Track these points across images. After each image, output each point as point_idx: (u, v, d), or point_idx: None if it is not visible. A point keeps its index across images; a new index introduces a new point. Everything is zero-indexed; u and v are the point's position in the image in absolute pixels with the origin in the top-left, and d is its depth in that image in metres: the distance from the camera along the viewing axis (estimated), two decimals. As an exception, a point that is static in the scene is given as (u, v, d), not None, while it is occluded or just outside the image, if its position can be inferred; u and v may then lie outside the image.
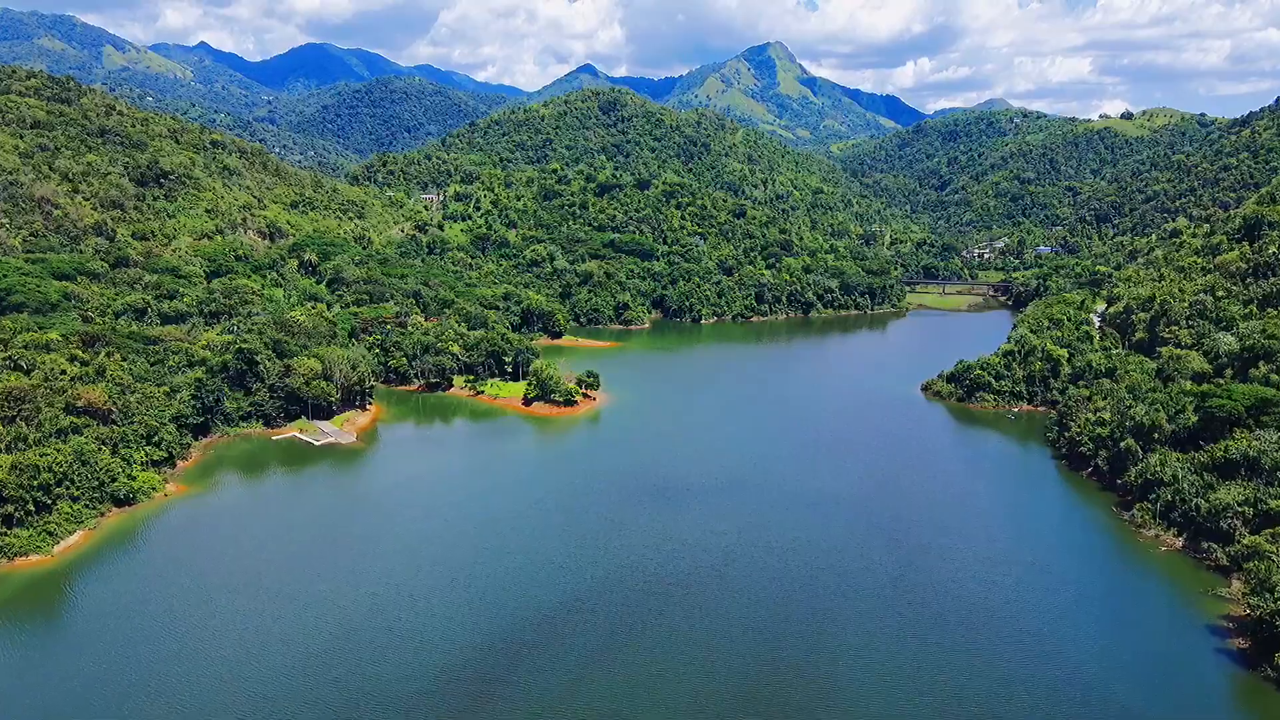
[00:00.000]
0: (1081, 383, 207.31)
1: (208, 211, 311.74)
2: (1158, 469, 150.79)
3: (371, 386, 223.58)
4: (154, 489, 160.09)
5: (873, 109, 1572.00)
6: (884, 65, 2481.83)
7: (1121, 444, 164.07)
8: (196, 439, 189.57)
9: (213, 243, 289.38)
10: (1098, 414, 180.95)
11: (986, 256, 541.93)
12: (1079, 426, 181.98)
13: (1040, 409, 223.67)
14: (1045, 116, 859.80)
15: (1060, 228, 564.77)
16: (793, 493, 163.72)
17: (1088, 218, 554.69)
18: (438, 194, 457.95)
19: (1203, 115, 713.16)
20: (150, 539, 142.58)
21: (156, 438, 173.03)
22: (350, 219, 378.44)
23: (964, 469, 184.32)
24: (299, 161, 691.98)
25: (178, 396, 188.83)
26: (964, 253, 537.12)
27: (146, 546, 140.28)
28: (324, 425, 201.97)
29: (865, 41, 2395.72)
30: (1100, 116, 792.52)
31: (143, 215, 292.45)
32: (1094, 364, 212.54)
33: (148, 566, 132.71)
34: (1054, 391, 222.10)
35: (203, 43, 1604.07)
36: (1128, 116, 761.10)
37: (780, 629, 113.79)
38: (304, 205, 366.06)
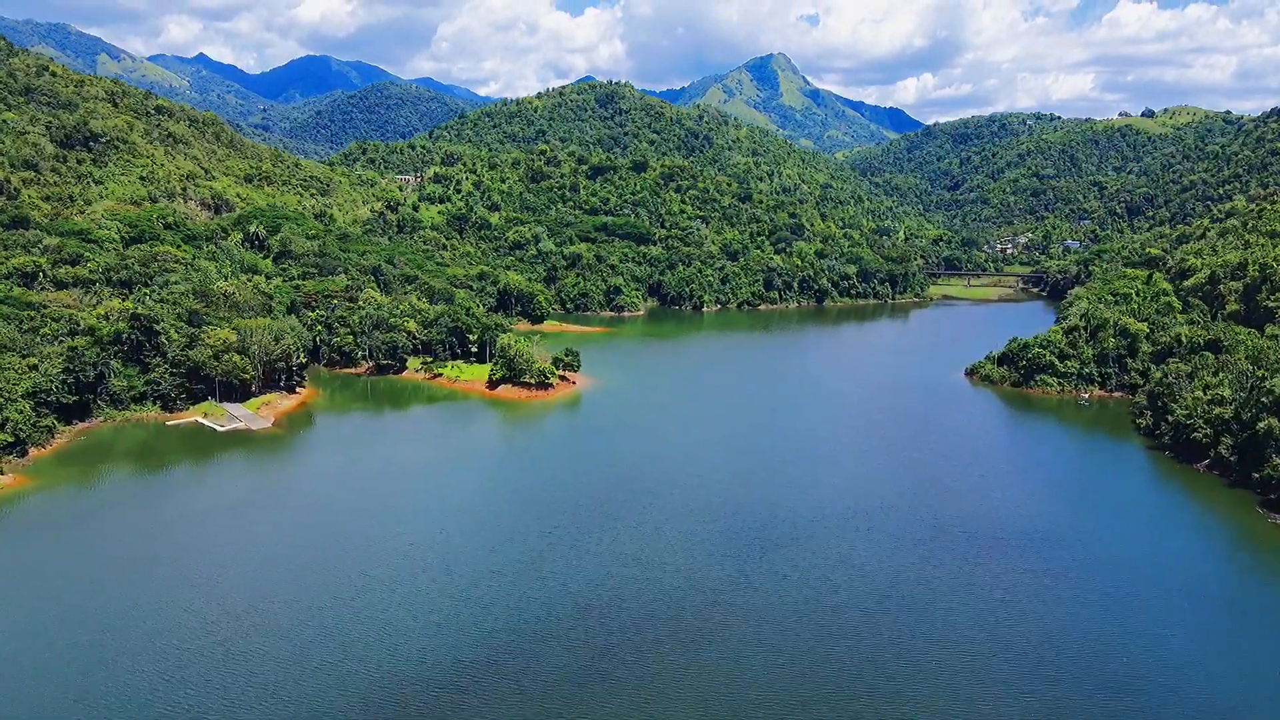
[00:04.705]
0: (1172, 359, 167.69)
1: (142, 179, 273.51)
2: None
3: (302, 364, 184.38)
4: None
5: (876, 121, 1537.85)
6: (886, 81, 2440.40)
7: (1258, 426, 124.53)
8: (70, 423, 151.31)
9: (138, 209, 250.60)
10: (1210, 393, 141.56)
11: (1009, 251, 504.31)
12: (1186, 409, 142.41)
13: (1116, 394, 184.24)
14: (1059, 118, 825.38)
15: (1088, 221, 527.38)
16: (822, 500, 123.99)
17: (1118, 210, 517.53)
18: (415, 175, 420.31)
19: (1228, 113, 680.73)
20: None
21: (1, 417, 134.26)
22: (312, 195, 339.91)
23: (1041, 467, 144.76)
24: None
25: (41, 369, 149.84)
26: (985, 247, 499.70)
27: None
28: (233, 409, 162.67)
29: (867, 56, 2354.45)
30: (1120, 114, 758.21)
31: (61, 178, 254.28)
32: (1185, 338, 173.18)
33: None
34: (1133, 373, 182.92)
35: (201, 54, 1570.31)
36: (1149, 115, 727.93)
37: (816, 690, 74.08)
38: (259, 179, 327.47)
